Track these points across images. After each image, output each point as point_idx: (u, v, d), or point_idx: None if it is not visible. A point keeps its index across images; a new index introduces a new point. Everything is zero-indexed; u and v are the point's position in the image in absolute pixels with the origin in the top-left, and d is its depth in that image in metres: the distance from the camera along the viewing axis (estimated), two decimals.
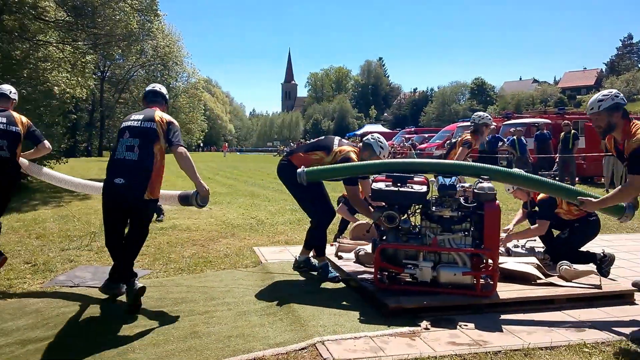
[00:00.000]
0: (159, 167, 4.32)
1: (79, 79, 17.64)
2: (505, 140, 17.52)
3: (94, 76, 27.67)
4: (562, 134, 15.73)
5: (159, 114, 4.43)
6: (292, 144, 59.74)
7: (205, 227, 8.14)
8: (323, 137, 5.77)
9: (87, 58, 17.80)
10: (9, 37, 14.34)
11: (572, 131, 15.65)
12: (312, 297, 4.54)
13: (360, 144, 5.42)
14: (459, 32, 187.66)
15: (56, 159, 15.68)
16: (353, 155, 5.09)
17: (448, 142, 22.15)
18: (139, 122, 4.34)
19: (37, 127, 5.39)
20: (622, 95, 4.10)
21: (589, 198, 4.20)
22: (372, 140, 5.28)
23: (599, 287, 4.56)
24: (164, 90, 4.79)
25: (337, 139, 5.46)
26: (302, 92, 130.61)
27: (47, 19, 15.57)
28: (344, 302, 4.41)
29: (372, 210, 4.99)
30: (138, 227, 4.43)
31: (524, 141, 16.43)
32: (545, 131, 16.88)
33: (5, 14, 14.38)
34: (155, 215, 7.96)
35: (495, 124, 22.69)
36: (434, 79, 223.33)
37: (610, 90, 4.13)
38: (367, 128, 52.76)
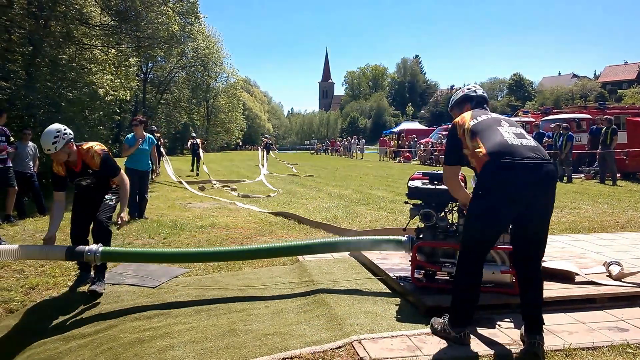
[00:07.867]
0: None
1: (123, 80, 18.15)
2: (547, 136, 17.17)
3: (136, 78, 28.31)
4: (602, 129, 15.44)
5: None
6: (327, 142, 60.45)
7: (243, 224, 8.22)
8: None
9: (130, 60, 18.26)
10: (55, 42, 14.80)
11: (612, 126, 15.30)
12: (349, 295, 4.54)
13: None
14: (496, 27, 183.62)
15: None
16: None
17: None
18: None
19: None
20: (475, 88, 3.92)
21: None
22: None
23: None
24: None
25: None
26: (339, 90, 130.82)
27: (92, 24, 16.07)
28: (381, 301, 4.39)
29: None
30: None
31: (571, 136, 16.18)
32: (601, 125, 16.49)
33: (52, 21, 14.85)
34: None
35: (534, 119, 22.31)
36: (471, 75, 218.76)
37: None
38: (404, 125, 52.28)
